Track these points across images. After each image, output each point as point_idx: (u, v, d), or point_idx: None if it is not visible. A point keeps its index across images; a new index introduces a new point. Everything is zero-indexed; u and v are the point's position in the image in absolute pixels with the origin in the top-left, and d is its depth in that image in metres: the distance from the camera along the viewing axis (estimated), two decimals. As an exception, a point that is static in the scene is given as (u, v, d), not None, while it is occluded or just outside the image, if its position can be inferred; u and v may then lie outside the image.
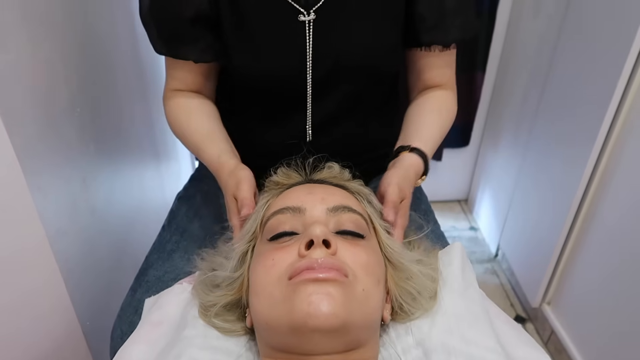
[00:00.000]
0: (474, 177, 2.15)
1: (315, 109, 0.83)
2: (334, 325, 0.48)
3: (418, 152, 0.77)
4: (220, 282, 0.64)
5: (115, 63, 1.19)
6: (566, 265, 1.40)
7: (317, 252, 0.53)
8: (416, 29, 0.80)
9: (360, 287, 0.53)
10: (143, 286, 0.81)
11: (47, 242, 0.81)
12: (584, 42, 1.24)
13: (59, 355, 0.91)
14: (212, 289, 0.65)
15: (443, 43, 0.82)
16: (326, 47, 0.77)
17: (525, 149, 1.58)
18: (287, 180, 0.72)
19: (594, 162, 1.21)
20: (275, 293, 0.52)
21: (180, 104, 0.85)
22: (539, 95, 1.49)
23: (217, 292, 0.64)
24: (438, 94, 0.87)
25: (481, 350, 0.59)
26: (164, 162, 1.59)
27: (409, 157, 0.77)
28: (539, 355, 0.62)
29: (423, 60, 0.85)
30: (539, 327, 1.57)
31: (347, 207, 0.61)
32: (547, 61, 1.44)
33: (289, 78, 0.80)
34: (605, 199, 1.21)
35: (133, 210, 1.29)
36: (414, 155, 0.77)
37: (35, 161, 0.78)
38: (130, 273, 0.89)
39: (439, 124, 0.84)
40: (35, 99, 0.80)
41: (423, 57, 0.85)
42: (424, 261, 0.66)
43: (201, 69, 0.84)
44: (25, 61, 0.78)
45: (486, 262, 1.89)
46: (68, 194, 0.91)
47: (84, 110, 0.97)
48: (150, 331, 0.65)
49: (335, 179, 0.71)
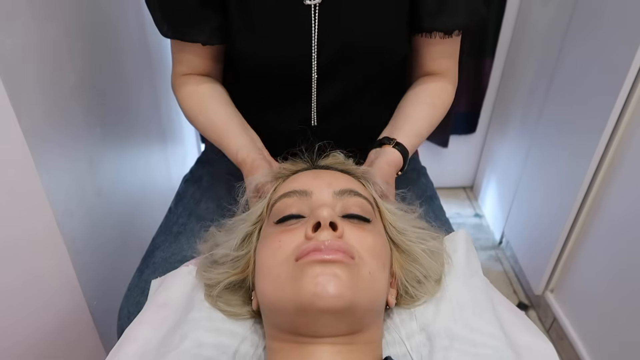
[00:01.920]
0: (480, 164, 2.15)
1: (321, 95, 0.83)
2: (340, 306, 0.49)
3: (401, 149, 0.78)
4: (223, 259, 0.64)
5: (122, 45, 1.19)
6: (570, 253, 1.40)
7: (324, 234, 0.53)
8: (418, 14, 0.79)
9: (367, 269, 0.53)
10: (150, 267, 0.82)
11: (55, 223, 0.81)
12: (594, 29, 1.22)
13: (67, 335, 0.93)
14: (215, 266, 0.65)
15: (444, 29, 0.80)
16: (331, 32, 0.76)
17: (533, 136, 1.57)
18: (293, 166, 0.72)
19: (602, 151, 1.20)
20: (282, 274, 0.53)
21: (191, 94, 0.84)
22: (547, 83, 1.47)
23: (220, 269, 0.64)
24: (435, 86, 0.86)
25: (484, 336, 0.59)
26: (170, 144, 1.60)
27: (392, 152, 0.78)
28: (542, 342, 0.62)
29: (425, 48, 0.84)
30: (542, 314, 1.58)
31: (353, 191, 0.61)
32: (556, 48, 1.42)
33: (293, 63, 0.79)
34: (611, 189, 1.21)
35: (139, 191, 1.29)
36: (397, 152, 0.78)
37: (43, 143, 0.79)
38: (136, 254, 0.90)
39: (429, 119, 0.84)
40: (42, 82, 0.80)
41: (425, 44, 0.84)
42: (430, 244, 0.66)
43: (208, 52, 0.84)
44: (32, 43, 0.78)
45: (490, 249, 1.89)
46: (75, 175, 0.91)
47: (90, 92, 0.97)
48: (156, 312, 0.66)
49: (340, 165, 0.71)
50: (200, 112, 0.84)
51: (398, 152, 0.78)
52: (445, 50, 0.84)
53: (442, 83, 0.86)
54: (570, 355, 1.36)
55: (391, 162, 0.77)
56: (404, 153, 0.78)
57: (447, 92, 0.87)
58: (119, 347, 0.62)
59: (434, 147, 2.05)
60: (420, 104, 0.85)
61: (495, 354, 0.57)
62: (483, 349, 0.58)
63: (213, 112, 0.83)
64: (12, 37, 0.71)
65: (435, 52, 0.84)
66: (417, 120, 0.83)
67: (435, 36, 0.81)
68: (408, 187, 0.76)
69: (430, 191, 0.97)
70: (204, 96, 0.84)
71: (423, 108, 0.84)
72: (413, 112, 0.84)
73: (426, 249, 0.64)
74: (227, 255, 0.63)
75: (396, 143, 0.79)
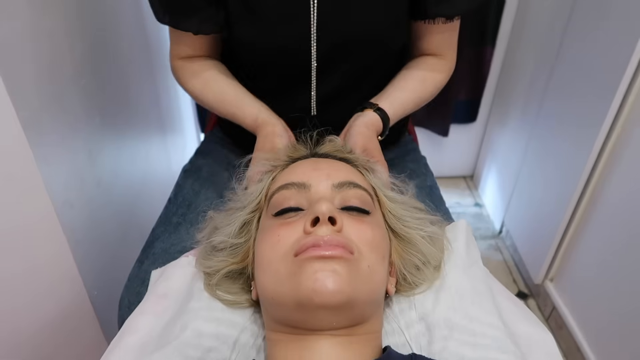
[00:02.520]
0: (480, 154, 2.14)
1: (320, 84, 0.83)
2: (339, 301, 0.49)
3: (381, 113, 0.80)
4: (222, 245, 0.64)
5: (121, 34, 1.18)
6: (570, 242, 1.40)
7: (322, 229, 0.53)
8: (421, 0, 0.79)
9: (366, 263, 0.53)
10: (150, 258, 0.82)
11: (55, 213, 0.81)
12: (596, 19, 1.21)
13: (68, 324, 0.93)
14: (214, 253, 0.65)
15: (448, 15, 0.81)
16: (331, 20, 0.76)
17: (533, 126, 1.57)
18: (292, 153, 0.71)
19: (602, 141, 1.20)
20: (281, 269, 0.53)
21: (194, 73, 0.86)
22: (548, 72, 1.47)
23: (219, 256, 0.64)
24: (431, 62, 0.88)
25: (483, 326, 0.59)
26: (170, 134, 1.59)
27: (371, 115, 0.80)
28: (541, 332, 0.62)
29: (425, 33, 0.86)
30: (541, 303, 1.58)
31: (352, 183, 0.61)
32: (558, 38, 1.41)
33: (293, 51, 0.79)
34: (611, 179, 1.20)
35: (139, 182, 1.29)
36: (376, 115, 0.80)
37: (42, 133, 0.78)
38: (136, 244, 0.90)
39: (417, 94, 0.86)
40: (40, 71, 0.80)
41: (426, 30, 0.85)
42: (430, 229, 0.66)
43: (203, 40, 0.84)
44: (28, 32, 0.77)
45: (490, 238, 1.90)
46: (74, 166, 0.91)
47: (89, 82, 0.97)
48: (156, 303, 0.66)
49: (339, 152, 0.71)
50: (207, 88, 0.85)
51: (377, 116, 0.80)
52: (446, 35, 0.86)
53: (438, 62, 0.88)
54: (569, 344, 1.37)
55: (369, 123, 0.78)
56: (384, 118, 0.80)
57: (441, 72, 0.88)
58: (120, 337, 0.62)
59: (434, 137, 2.04)
60: (411, 79, 0.86)
61: (494, 343, 0.58)
62: (482, 338, 0.58)
63: (221, 86, 0.85)
64: (7, 25, 0.71)
65: (436, 38, 0.86)
66: (403, 92, 0.85)
67: (437, 22, 0.82)
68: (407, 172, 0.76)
69: (430, 181, 0.97)
70: (207, 73, 0.86)
71: (412, 82, 0.86)
72: (401, 84, 0.86)
73: (425, 235, 0.64)
74: (225, 241, 0.63)
75: (377, 108, 0.81)
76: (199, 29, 0.79)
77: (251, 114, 0.81)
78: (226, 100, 0.84)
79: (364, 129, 0.77)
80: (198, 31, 0.80)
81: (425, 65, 0.87)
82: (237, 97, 0.84)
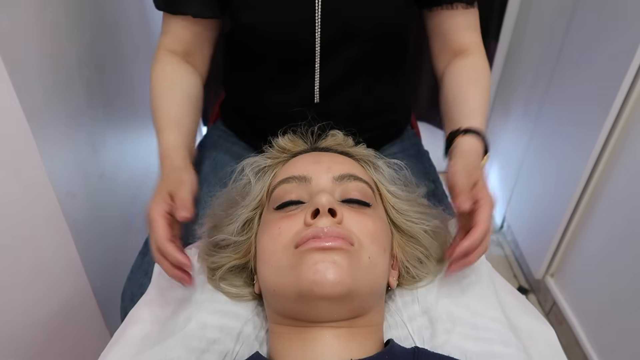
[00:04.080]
0: (482, 149, 2.14)
1: (324, 71, 0.82)
2: (339, 293, 0.49)
3: (471, 133, 0.72)
4: (224, 243, 0.64)
5: (124, 27, 1.17)
6: (571, 238, 1.40)
7: (323, 220, 0.53)
8: None
9: (366, 255, 0.53)
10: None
11: (58, 205, 0.81)
12: (599, 13, 1.21)
13: (71, 316, 0.94)
14: (217, 250, 0.65)
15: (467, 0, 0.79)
16: (336, 4, 0.75)
17: (536, 121, 1.57)
18: (292, 147, 0.71)
19: (604, 137, 1.19)
20: (282, 261, 0.53)
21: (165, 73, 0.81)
22: (552, 67, 1.46)
23: (222, 253, 0.64)
24: (469, 62, 0.82)
25: (486, 320, 0.60)
26: (172, 127, 1.59)
27: (464, 141, 0.71)
28: (542, 326, 0.63)
29: (447, 21, 0.82)
30: (541, 298, 1.59)
31: (353, 176, 0.61)
32: (562, 32, 1.41)
33: (297, 36, 0.78)
34: (612, 176, 1.20)
35: (141, 174, 1.29)
36: (468, 137, 0.71)
37: (45, 125, 0.79)
38: (139, 236, 0.90)
39: (480, 94, 0.79)
40: (43, 64, 0.80)
41: (447, 17, 0.82)
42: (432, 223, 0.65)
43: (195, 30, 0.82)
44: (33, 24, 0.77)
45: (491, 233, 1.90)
46: (77, 158, 0.91)
47: (92, 75, 0.97)
48: (159, 295, 0.66)
49: (340, 147, 0.71)
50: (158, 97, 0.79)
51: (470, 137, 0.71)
52: (469, 22, 0.82)
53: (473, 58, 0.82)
54: (569, 339, 1.38)
55: (468, 150, 0.70)
56: (478, 134, 0.72)
57: (482, 64, 0.82)
58: (124, 328, 0.63)
59: (437, 131, 2.04)
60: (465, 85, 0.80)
61: (497, 337, 0.58)
62: (485, 332, 0.59)
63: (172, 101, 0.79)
64: (10, 16, 0.70)
65: (459, 24, 0.82)
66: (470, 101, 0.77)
67: (457, 7, 0.80)
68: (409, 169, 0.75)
69: (432, 175, 0.97)
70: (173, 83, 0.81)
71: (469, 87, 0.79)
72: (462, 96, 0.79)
73: (427, 229, 0.64)
74: (227, 239, 0.64)
75: (464, 130, 0.72)
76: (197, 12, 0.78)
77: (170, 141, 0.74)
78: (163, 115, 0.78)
79: (461, 161, 0.68)
80: (197, 14, 0.78)
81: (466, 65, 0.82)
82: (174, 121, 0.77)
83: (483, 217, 0.61)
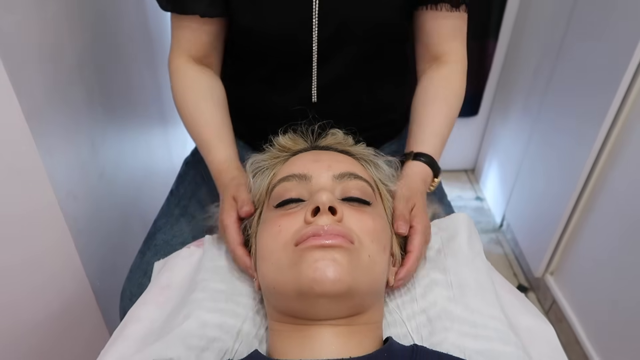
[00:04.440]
0: (481, 147, 2.14)
1: (321, 71, 0.82)
2: (339, 290, 0.49)
3: (421, 158, 0.76)
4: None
5: (123, 26, 1.17)
6: (571, 236, 1.40)
7: (323, 218, 0.53)
8: None
9: (366, 253, 0.53)
10: (151, 249, 0.82)
11: (57, 204, 0.81)
12: (599, 12, 1.21)
13: (70, 315, 0.94)
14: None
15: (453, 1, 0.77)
16: (333, 4, 0.75)
17: (535, 120, 1.57)
18: (293, 145, 0.71)
19: (604, 135, 1.19)
20: (282, 259, 0.53)
21: (188, 84, 0.82)
22: (551, 66, 1.46)
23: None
24: (444, 74, 0.82)
25: (485, 318, 0.60)
26: (171, 126, 1.59)
27: (413, 165, 0.76)
28: (542, 324, 0.63)
29: (430, 23, 0.80)
30: (541, 296, 1.59)
31: (353, 174, 0.61)
32: (561, 31, 1.41)
33: (294, 37, 0.78)
34: (613, 173, 1.20)
35: (141, 173, 1.29)
36: (417, 163, 0.76)
37: (44, 124, 0.78)
38: (138, 235, 0.91)
39: (444, 115, 0.80)
40: (42, 62, 0.80)
41: (430, 19, 0.80)
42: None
43: (207, 29, 0.81)
44: (30, 21, 0.77)
45: (491, 232, 1.90)
46: (77, 157, 0.91)
47: (91, 74, 0.97)
48: (159, 293, 0.67)
49: (340, 145, 0.71)
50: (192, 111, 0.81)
51: (419, 162, 0.76)
52: (453, 26, 0.81)
53: (450, 69, 0.82)
54: (569, 337, 1.38)
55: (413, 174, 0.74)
56: (428, 160, 0.76)
57: (458, 77, 0.83)
58: (123, 327, 0.63)
59: (436, 130, 2.04)
60: (431, 101, 0.81)
61: (496, 335, 0.58)
62: (484, 330, 0.59)
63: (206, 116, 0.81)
64: (10, 16, 0.70)
65: (442, 28, 0.80)
66: (432, 122, 0.80)
67: (441, 8, 0.78)
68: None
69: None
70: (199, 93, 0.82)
71: (435, 106, 0.81)
72: (427, 115, 0.80)
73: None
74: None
75: (415, 155, 0.76)
76: (205, 12, 0.77)
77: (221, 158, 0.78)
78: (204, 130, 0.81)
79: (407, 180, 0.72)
80: (204, 13, 0.77)
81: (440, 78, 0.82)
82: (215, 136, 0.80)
83: (415, 244, 0.64)
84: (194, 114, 0.81)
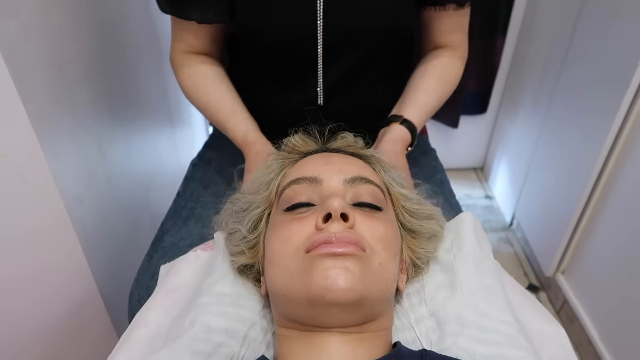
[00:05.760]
0: (490, 145, 2.13)
1: (327, 73, 0.82)
2: (351, 299, 0.49)
3: (408, 125, 0.81)
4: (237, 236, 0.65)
5: (129, 28, 1.17)
6: (582, 235, 1.39)
7: (334, 225, 0.52)
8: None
9: (378, 261, 0.53)
10: (159, 252, 0.82)
11: (65, 208, 0.81)
12: (608, 9, 1.19)
13: (79, 319, 0.94)
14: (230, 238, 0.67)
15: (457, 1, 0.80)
16: (337, 6, 0.75)
17: (545, 117, 1.55)
18: (303, 146, 0.71)
19: (615, 132, 1.18)
20: (292, 265, 0.52)
21: (191, 75, 0.85)
22: (560, 63, 1.44)
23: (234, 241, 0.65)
24: (444, 62, 0.87)
25: (495, 322, 0.59)
26: (178, 128, 1.59)
27: (399, 129, 0.80)
28: (553, 327, 0.62)
29: (436, 21, 0.84)
30: (552, 296, 1.57)
31: (364, 179, 0.60)
32: (570, 27, 1.39)
33: (300, 38, 0.78)
34: (624, 171, 1.19)
35: (148, 176, 1.30)
36: (404, 128, 0.81)
37: (50, 128, 0.78)
38: (146, 238, 0.90)
39: (438, 93, 0.85)
40: (48, 66, 0.80)
41: (436, 17, 0.84)
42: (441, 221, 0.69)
43: (207, 31, 0.83)
44: (36, 25, 0.77)
45: (500, 230, 1.88)
46: (84, 160, 0.91)
47: (97, 76, 0.97)
48: (165, 297, 0.66)
49: (351, 148, 0.70)
50: (202, 94, 0.85)
51: (405, 129, 0.80)
52: (456, 23, 0.85)
53: (451, 57, 0.87)
54: (581, 338, 1.36)
55: (397, 139, 0.79)
56: (412, 129, 0.80)
57: (456, 66, 0.88)
58: (130, 331, 0.63)
59: (444, 128, 2.02)
60: (429, 78, 0.86)
61: (506, 340, 0.57)
62: (494, 334, 0.58)
63: (217, 94, 0.85)
64: (15, 19, 0.70)
65: (447, 25, 0.85)
66: (424, 94, 0.84)
67: (449, 8, 0.81)
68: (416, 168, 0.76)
69: (440, 174, 0.96)
70: (205, 78, 0.85)
71: (431, 82, 0.85)
72: (421, 86, 0.85)
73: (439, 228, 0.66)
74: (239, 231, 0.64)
75: (403, 120, 0.81)
76: (202, 18, 0.78)
77: (241, 130, 0.83)
78: (220, 110, 0.85)
79: (390, 144, 0.78)
80: (202, 20, 0.78)
81: (439, 59, 0.86)
82: (232, 109, 0.85)
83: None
84: (204, 97, 0.85)
